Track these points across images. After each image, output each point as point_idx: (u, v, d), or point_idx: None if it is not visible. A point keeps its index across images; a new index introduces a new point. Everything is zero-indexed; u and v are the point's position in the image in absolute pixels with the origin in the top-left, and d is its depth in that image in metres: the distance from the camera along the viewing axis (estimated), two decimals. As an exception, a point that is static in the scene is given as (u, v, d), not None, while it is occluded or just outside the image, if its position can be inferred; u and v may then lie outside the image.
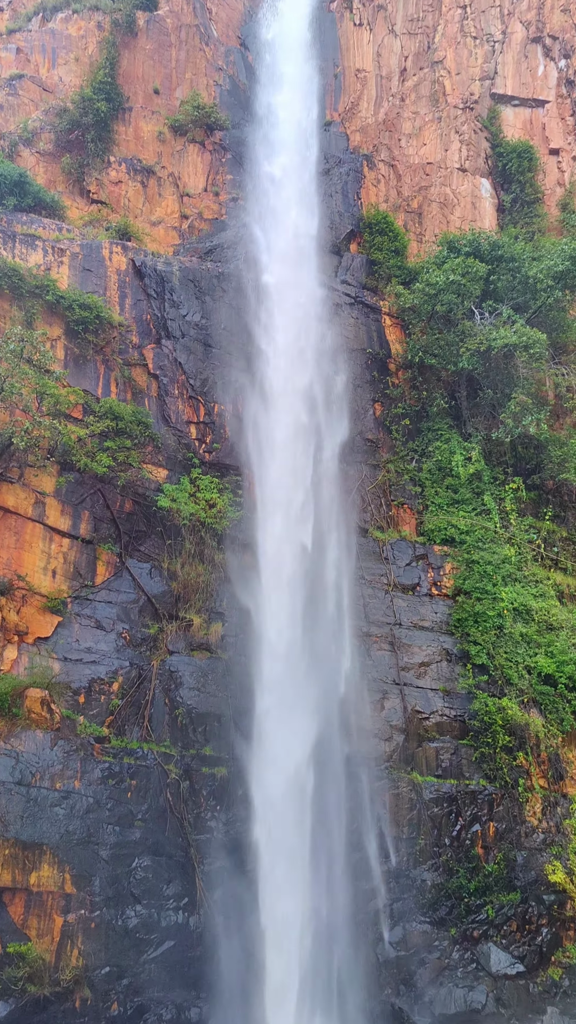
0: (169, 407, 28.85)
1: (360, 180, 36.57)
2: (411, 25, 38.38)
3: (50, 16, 38.11)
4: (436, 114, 37.05)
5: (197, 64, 38.24)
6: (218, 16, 39.92)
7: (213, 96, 38.05)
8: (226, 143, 37.19)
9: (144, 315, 29.81)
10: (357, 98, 38.40)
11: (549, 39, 36.90)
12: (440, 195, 36.38)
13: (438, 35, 37.94)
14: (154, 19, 37.69)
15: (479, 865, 23.85)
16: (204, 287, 30.98)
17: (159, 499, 26.92)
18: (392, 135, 37.40)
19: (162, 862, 22.96)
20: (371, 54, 38.65)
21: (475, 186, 36.60)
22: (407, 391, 32.36)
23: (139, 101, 36.86)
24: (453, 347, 31.17)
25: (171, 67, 37.83)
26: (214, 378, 29.73)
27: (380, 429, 31.72)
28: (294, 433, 29.21)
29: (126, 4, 37.34)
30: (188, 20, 38.42)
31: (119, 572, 26.04)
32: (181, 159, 36.84)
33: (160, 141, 36.62)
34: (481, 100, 37.09)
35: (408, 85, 37.87)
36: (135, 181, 35.44)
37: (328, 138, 37.82)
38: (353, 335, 32.67)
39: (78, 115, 34.87)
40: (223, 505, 27.55)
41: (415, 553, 29.20)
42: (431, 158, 36.83)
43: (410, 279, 33.95)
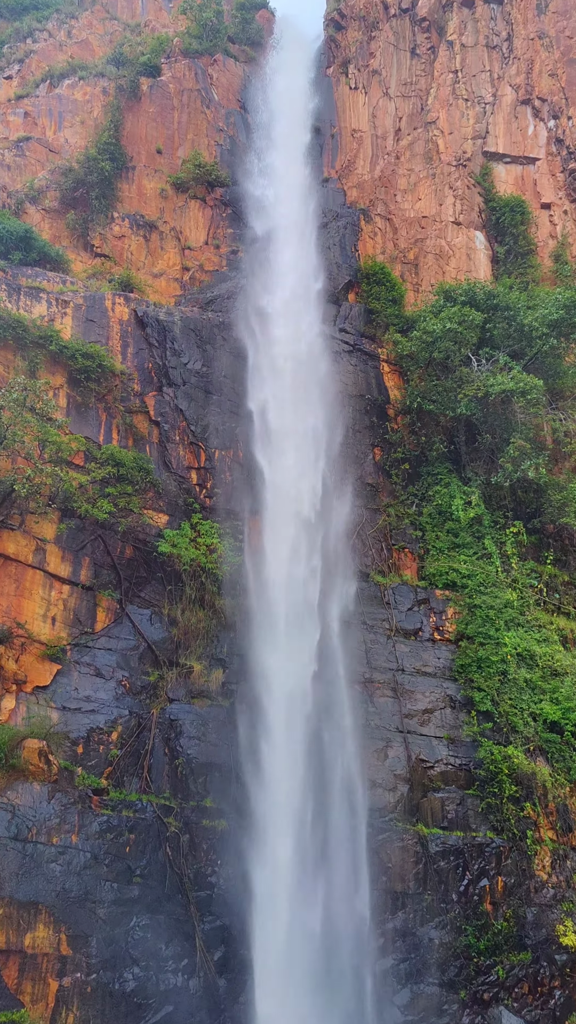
0: (170, 453, 28.82)
1: (357, 233, 37.34)
2: (404, 88, 39.67)
3: (57, 83, 39.42)
4: (430, 171, 38.00)
5: (198, 125, 39.42)
6: (219, 81, 41.27)
7: (214, 155, 39.12)
8: (226, 199, 38.07)
9: (146, 363, 30.09)
10: (353, 156, 39.45)
11: (538, 101, 38.11)
12: (436, 247, 37.11)
13: (431, 97, 39.17)
14: (157, 84, 38.99)
15: (488, 922, 22.89)
16: (205, 336, 31.32)
17: (160, 544, 26.79)
18: (388, 190, 38.32)
19: (161, 920, 22.02)
20: (367, 115, 39.84)
21: (470, 238, 37.32)
22: (406, 436, 32.53)
23: (142, 160, 37.87)
24: (451, 393, 31.37)
25: (173, 128, 38.96)
26: (215, 424, 29.87)
27: (380, 473, 31.78)
28: (294, 478, 29.25)
29: (130, 71, 38.69)
30: (190, 85, 39.72)
31: (119, 619, 25.69)
32: (183, 214, 37.67)
33: (162, 197, 37.50)
34: (474, 158, 38.11)
35: (403, 144, 38.96)
36: (138, 235, 36.18)
37: (326, 193, 38.79)
38: (352, 381, 32.94)
39: (83, 174, 35.83)
40: (224, 550, 27.41)
41: (417, 597, 28.85)
42: (426, 212, 37.68)
43: (407, 327, 34.25)
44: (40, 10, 44.90)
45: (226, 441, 29.61)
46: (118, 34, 43.64)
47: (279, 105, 40.38)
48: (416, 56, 39.98)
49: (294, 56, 42.75)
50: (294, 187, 37.40)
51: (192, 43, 41.14)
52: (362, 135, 39.64)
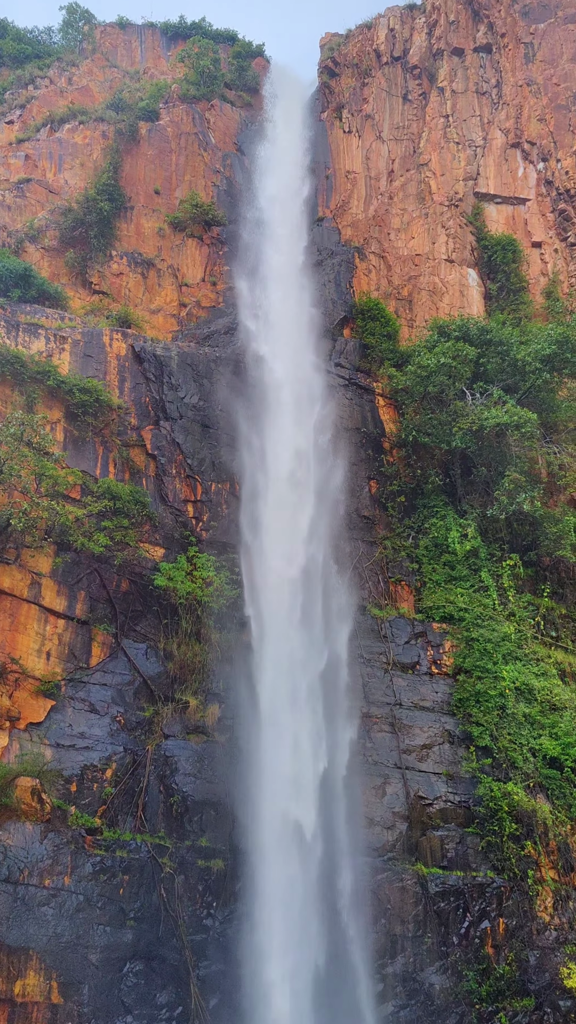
0: (167, 486, 28.77)
1: (352, 270, 37.87)
2: (397, 132, 40.63)
3: (58, 127, 40.22)
4: (423, 211, 38.72)
5: (196, 167, 40.16)
6: (216, 125, 42.18)
7: (211, 195, 39.81)
8: (223, 237, 38.63)
9: (143, 398, 30.18)
10: (348, 196, 40.17)
11: (527, 144, 39.01)
12: (429, 284, 37.63)
13: (423, 141, 40.08)
14: (155, 128, 39.81)
15: (490, 967, 22.22)
16: (202, 370, 31.48)
17: (156, 578, 26.57)
18: (382, 229, 39.00)
19: (155, 966, 21.31)
20: (360, 157, 40.71)
21: (462, 276, 37.87)
22: (402, 469, 32.63)
23: (140, 200, 38.48)
24: (446, 426, 31.51)
25: (171, 170, 39.68)
26: (211, 457, 29.89)
27: (376, 506, 31.78)
28: (291, 511, 29.17)
29: (129, 115, 39.51)
30: (187, 129, 40.59)
31: (114, 653, 25.36)
32: (180, 252, 38.16)
33: (160, 236, 38.03)
34: (465, 198, 38.86)
35: (396, 185, 39.72)
36: (136, 273, 36.58)
37: (321, 232, 39.45)
38: (348, 415, 33.09)
39: (82, 214, 36.38)
40: (220, 583, 27.15)
41: (414, 631, 28.58)
42: (419, 250, 38.30)
43: (402, 362, 34.44)
44: (42, 58, 46.08)
45: (222, 474, 29.63)
46: (118, 81, 44.65)
47: (275, 148, 41.20)
48: (408, 101, 41.00)
49: (289, 101, 43.73)
50: (290, 226, 38.06)
51: (190, 89, 42.09)
52: (356, 176, 40.41)
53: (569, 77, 39.39)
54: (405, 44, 41.45)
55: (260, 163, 40.77)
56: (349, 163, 40.89)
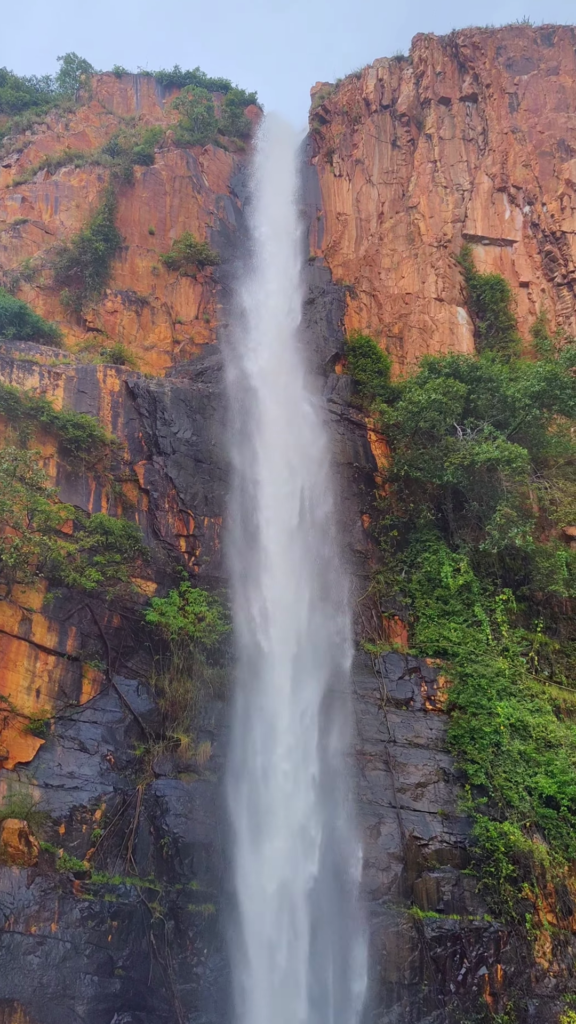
0: (159, 521, 28.65)
1: (343, 308, 38.31)
2: (387, 176, 41.55)
3: (54, 170, 40.89)
4: (413, 251, 39.41)
5: (189, 209, 40.85)
6: (209, 169, 43.01)
7: (204, 236, 40.42)
8: (216, 276, 39.10)
9: (136, 433, 30.22)
10: (339, 237, 40.90)
11: (513, 189, 39.94)
12: (419, 322, 38.11)
13: (412, 184, 40.95)
14: (150, 172, 40.56)
15: (488, 1016, 21.49)
16: (195, 406, 31.59)
17: (148, 613, 26.31)
18: (372, 269, 39.60)
19: (143, 1017, 20.46)
20: (351, 200, 41.53)
21: (452, 314, 38.35)
22: (394, 503, 32.56)
23: (135, 241, 38.99)
24: (437, 461, 31.56)
25: (165, 212, 40.32)
26: (204, 492, 29.84)
27: (369, 540, 31.64)
28: (284, 545, 29.02)
29: (125, 159, 40.26)
30: (181, 172, 41.37)
31: (105, 690, 24.90)
32: (174, 291, 38.58)
33: (154, 275, 38.47)
34: (454, 239, 39.59)
35: (386, 227, 40.51)
36: (130, 310, 36.88)
37: (312, 272, 40.00)
38: (340, 450, 33.15)
39: (77, 254, 36.84)
40: (212, 618, 26.89)
41: (407, 666, 28.24)
42: (409, 289, 38.88)
43: (393, 398, 34.53)
44: (39, 105, 47.07)
45: (215, 509, 29.60)
46: (113, 126, 45.60)
47: (267, 191, 42.03)
48: (397, 147, 41.99)
49: (281, 147, 44.71)
50: (281, 265, 38.62)
51: (184, 135, 43.04)
52: (347, 218, 41.18)
53: (553, 125, 40.51)
54: (393, 93, 42.55)
55: (252, 205, 41.58)
56: (340, 205, 41.68)
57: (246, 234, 40.46)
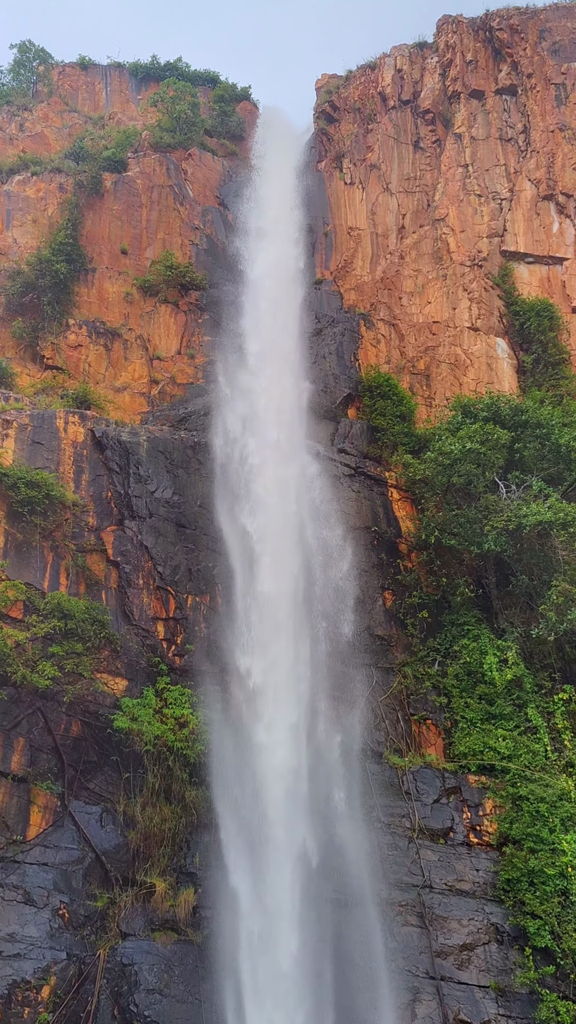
0: (132, 601, 28.47)
1: (357, 340, 38.75)
2: (408, 183, 42.57)
3: (6, 178, 42.03)
4: (440, 272, 40.04)
5: (171, 223, 41.73)
6: (194, 176, 44.13)
7: (188, 255, 41.17)
8: (203, 303, 39.65)
9: (104, 492, 30.18)
10: (351, 256, 41.60)
11: (562, 196, 40.84)
12: (450, 356, 38.42)
13: (438, 193, 41.91)
14: (123, 180, 41.60)
15: None
16: (176, 459, 31.64)
17: (115, 718, 25.83)
18: (391, 293, 40.13)
19: None
20: (365, 212, 42.43)
21: (489, 346, 38.68)
22: (423, 577, 32.55)
23: (104, 262, 39.72)
24: (475, 525, 31.50)
25: (141, 227, 41.19)
26: (187, 564, 29.70)
27: (392, 623, 31.49)
28: (289, 631, 28.77)
29: (92, 166, 41.34)
30: (160, 181, 42.43)
31: (60, 820, 24.16)
32: (151, 320, 39.06)
33: (127, 302, 39.03)
34: (490, 257, 40.26)
35: (407, 243, 41.26)
36: (97, 345, 37.29)
37: (319, 297, 40.61)
38: (355, 511, 33.09)
39: (34, 277, 37.50)
40: (197, 724, 26.41)
41: (445, 785, 27.58)
42: (437, 317, 39.31)
43: (419, 447, 34.93)
44: (-12, 102, 48.57)
45: (201, 584, 29.49)
46: (78, 127, 47.05)
47: (264, 201, 42.97)
48: (420, 149, 43.15)
49: (280, 150, 45.91)
50: (282, 289, 39.00)
51: (164, 136, 44.32)
52: (360, 233, 41.95)
53: (608, 121, 41.67)
54: (415, 86, 43.96)
55: (246, 219, 42.34)
56: (352, 218, 42.52)
57: (238, 253, 41.12)
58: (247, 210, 42.68)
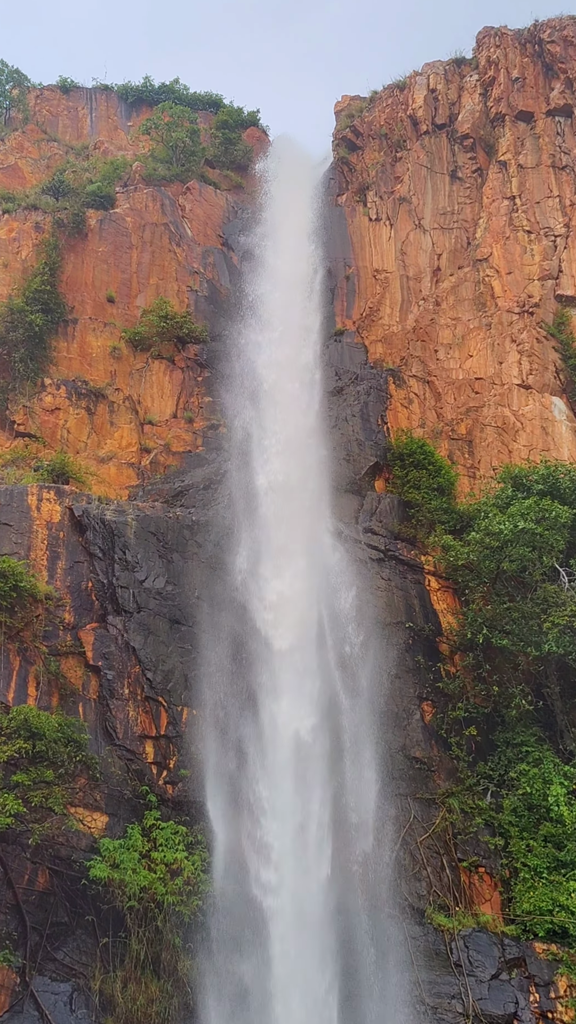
0: (115, 715, 28.19)
1: (385, 400, 38.80)
2: (444, 219, 43.10)
3: (-28, 217, 42.57)
4: (484, 320, 40.20)
5: (165, 267, 42.23)
6: (193, 213, 44.78)
7: (186, 304, 41.60)
8: (203, 358, 39.83)
9: (84, 582, 30.00)
10: (377, 303, 41.86)
11: (629, 232, 41.27)
12: (496, 418, 38.30)
13: (480, 229, 42.38)
14: (109, 218, 42.26)
15: None
16: (171, 542, 31.56)
17: (92, 865, 25.19)
18: (426, 346, 40.26)
19: None
20: (393, 252, 42.89)
21: (544, 406, 38.57)
22: (469, 685, 32.19)
23: (87, 311, 40.09)
24: (532, 621, 31.36)
25: (131, 271, 41.66)
26: (183, 669, 29.42)
27: (432, 742, 31.08)
28: (304, 755, 28.44)
29: (74, 202, 42.10)
30: (154, 219, 43.08)
31: (18, 1003, 23.06)
32: (142, 379, 39.22)
33: (114, 358, 39.22)
34: (543, 303, 40.49)
35: (444, 287, 41.54)
36: (78, 408, 37.37)
37: (340, 350, 40.76)
38: (385, 603, 32.84)
39: (4, 330, 37.91)
40: (193, 872, 25.80)
41: (505, 955, 26.49)
42: (480, 373, 39.31)
43: (462, 526, 34.88)
44: (-48, 130, 49.79)
45: (199, 695, 29.15)
46: (59, 158, 48.07)
47: (275, 241, 43.42)
48: (457, 180, 43.78)
49: (294, 182, 46.39)
50: (296, 342, 39.28)
51: (158, 168, 45.26)
52: (388, 276, 42.27)
53: None
54: (452, 108, 44.77)
55: (254, 261, 42.86)
56: (378, 259, 42.87)
57: (245, 300, 41.33)
58: (255, 251, 43.32)
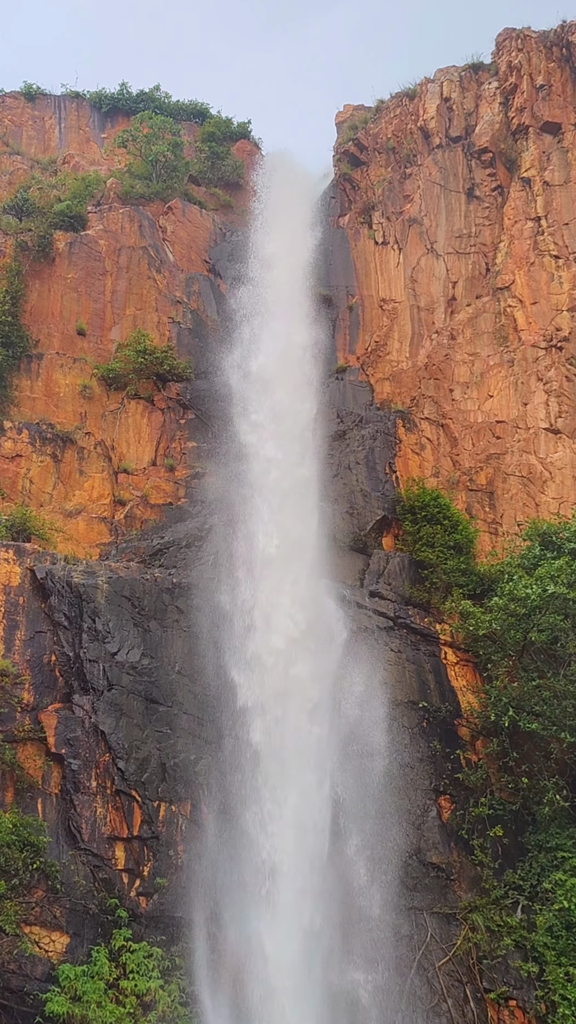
0: (80, 812, 28.01)
1: (393, 445, 38.76)
2: (459, 243, 43.25)
3: None
4: (506, 355, 40.23)
5: (144, 296, 42.20)
6: (176, 236, 44.87)
7: (167, 336, 41.53)
8: (187, 398, 39.69)
9: (46, 656, 29.88)
10: (384, 336, 41.92)
11: None
12: (521, 466, 38.23)
13: (501, 254, 42.49)
14: (80, 241, 42.23)
15: None
16: (148, 608, 31.48)
17: (49, 998, 24.85)
18: (439, 384, 40.24)
19: None
20: (402, 279, 43.00)
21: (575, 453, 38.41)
22: (494, 776, 32.10)
23: (54, 345, 39.90)
24: (566, 701, 31.34)
25: (104, 301, 41.59)
26: (161, 757, 29.28)
27: (452, 845, 30.90)
28: (303, 859, 28.29)
29: (39, 223, 42.03)
30: (131, 241, 43.10)
31: None
32: (116, 422, 39.00)
33: (84, 398, 38.94)
34: (573, 337, 40.37)
35: (460, 319, 41.58)
36: (42, 454, 37.01)
37: (342, 390, 40.81)
38: (395, 679, 32.74)
39: (-44, 368, 37.66)
40: (169, 1005, 25.71)
41: None
42: (502, 415, 39.32)
43: (482, 590, 34.89)
44: None
45: (179, 787, 29.15)
46: (22, 173, 48.31)
47: (268, 266, 43.24)
48: (475, 199, 43.99)
49: (290, 200, 46.51)
50: (292, 379, 39.18)
51: (135, 185, 45.45)
52: (396, 307, 42.35)
53: None
54: (468, 119, 45.11)
55: (245, 288, 42.75)
56: (385, 288, 42.92)
57: (234, 333, 41.41)
58: (246, 278, 43.20)
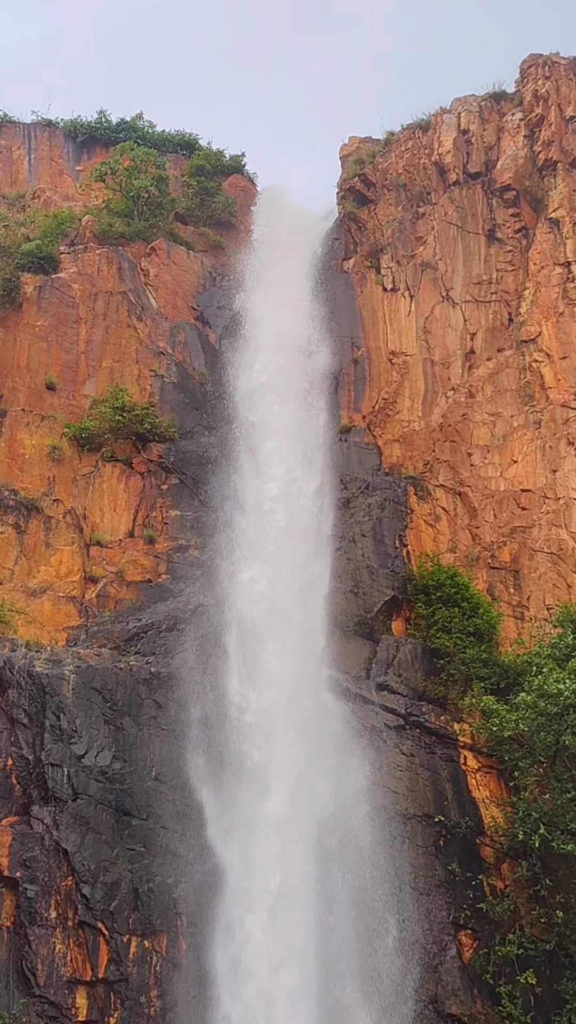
0: (36, 949, 27.94)
1: (404, 516, 38.61)
2: (479, 290, 43.33)
3: None
4: (531, 416, 40.17)
5: (123, 346, 42.02)
6: (160, 280, 44.78)
7: (148, 392, 41.28)
8: (170, 461, 39.35)
9: (1, 759, 29.70)
10: (393, 393, 41.80)
11: None
12: (550, 541, 38.02)
13: (525, 303, 42.59)
14: (51, 285, 42.13)
15: None
16: (121, 702, 31.38)
17: None
18: (456, 448, 40.13)
19: None
20: (414, 330, 42.93)
21: (613, 527, 38.52)
22: (523, 907, 31.83)
23: (20, 401, 39.65)
24: None
25: (78, 352, 41.41)
26: (133, 881, 29.44)
27: (474, 991, 30.86)
28: (291, 1002, 28.38)
29: (5, 265, 42.13)
30: (108, 285, 43.04)
31: None
32: (89, 487, 38.64)
33: (53, 460, 38.52)
34: (608, 395, 40.43)
35: (479, 374, 41.57)
36: (3, 524, 37.02)
37: (346, 452, 40.60)
38: (407, 788, 32.59)
39: None
40: None
41: None
42: (528, 483, 39.13)
43: (507, 683, 34.82)
44: None
45: (155, 917, 29.15)
46: (-16, 210, 48.08)
47: (263, 315, 43.61)
48: (496, 241, 44.20)
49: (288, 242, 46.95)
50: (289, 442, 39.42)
51: (115, 223, 45.47)
52: (407, 360, 42.25)
53: None
54: (488, 153, 45.50)
55: (237, 339, 43.06)
56: (394, 339, 42.93)
57: (225, 388, 41.58)
58: (238, 327, 43.51)
